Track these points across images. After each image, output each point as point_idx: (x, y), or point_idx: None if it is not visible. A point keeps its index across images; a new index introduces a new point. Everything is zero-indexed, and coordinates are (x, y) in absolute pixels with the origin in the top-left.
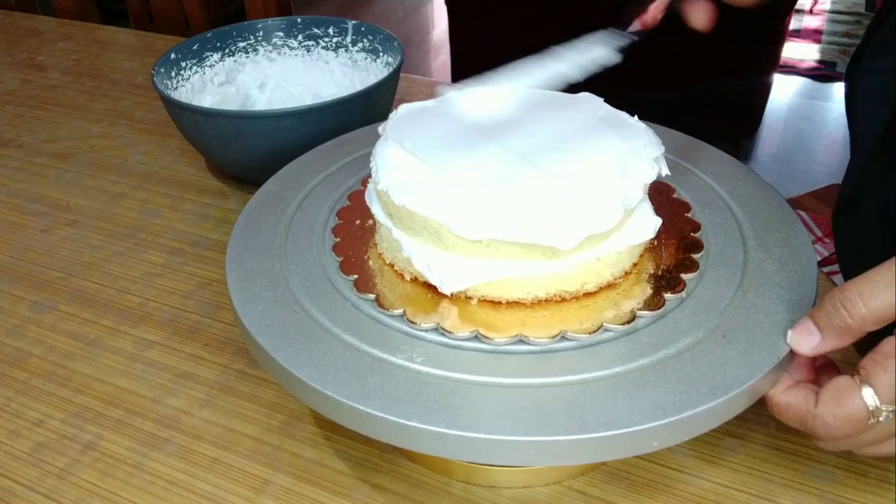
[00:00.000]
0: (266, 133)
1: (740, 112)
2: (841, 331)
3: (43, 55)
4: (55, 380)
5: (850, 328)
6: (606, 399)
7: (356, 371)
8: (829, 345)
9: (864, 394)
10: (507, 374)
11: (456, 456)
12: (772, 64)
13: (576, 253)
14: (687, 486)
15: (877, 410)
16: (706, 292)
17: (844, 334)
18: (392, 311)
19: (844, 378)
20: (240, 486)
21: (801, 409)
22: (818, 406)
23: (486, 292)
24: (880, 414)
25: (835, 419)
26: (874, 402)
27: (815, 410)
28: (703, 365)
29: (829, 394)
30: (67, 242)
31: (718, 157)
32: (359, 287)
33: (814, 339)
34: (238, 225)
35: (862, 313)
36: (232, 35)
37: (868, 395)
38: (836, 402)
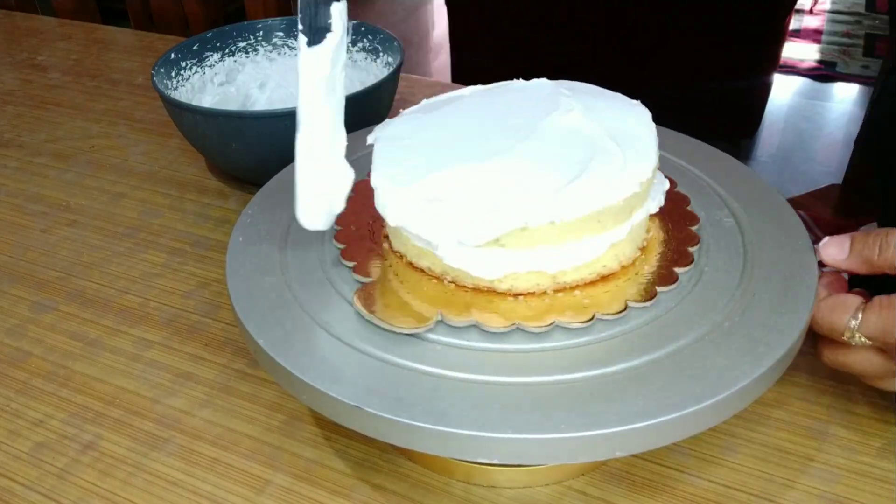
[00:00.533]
0: (266, 133)
1: (740, 112)
2: (865, 261)
3: (43, 55)
4: (55, 380)
5: (873, 263)
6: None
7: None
8: (849, 264)
9: (854, 316)
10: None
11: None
12: (772, 64)
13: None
14: (687, 486)
15: (852, 333)
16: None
17: (866, 265)
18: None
19: (853, 297)
20: (240, 486)
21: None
22: (822, 301)
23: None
24: (853, 338)
25: (822, 319)
26: (854, 326)
27: (818, 303)
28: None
29: (833, 300)
30: (67, 242)
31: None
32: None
33: (840, 254)
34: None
35: (889, 257)
36: (232, 35)
37: (855, 320)
38: (833, 306)
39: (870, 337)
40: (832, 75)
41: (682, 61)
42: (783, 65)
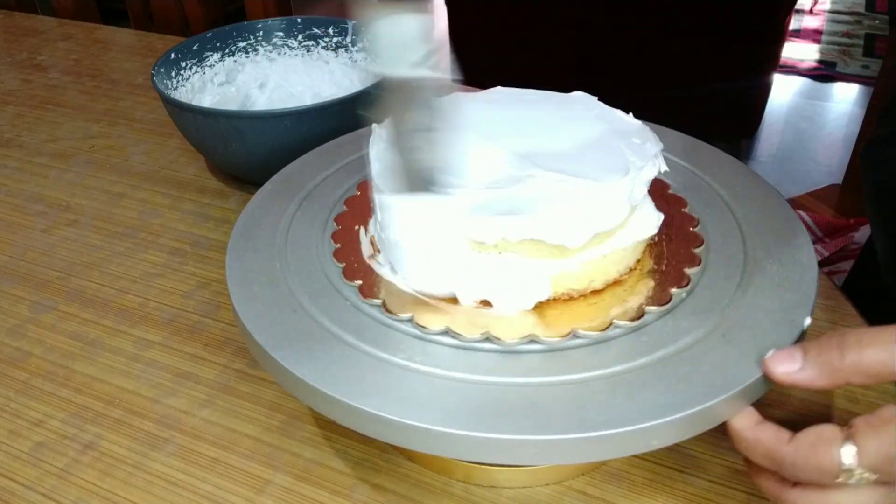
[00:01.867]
0: (266, 133)
1: (740, 112)
2: (825, 369)
3: (43, 55)
4: (55, 380)
5: (835, 370)
6: (606, 398)
7: (356, 371)
8: (804, 376)
9: (843, 450)
10: (508, 373)
11: (456, 455)
12: (772, 64)
13: (583, 251)
14: (687, 486)
15: (850, 472)
16: (706, 291)
17: (826, 374)
18: (399, 315)
19: (831, 427)
20: (240, 486)
21: (772, 446)
22: (792, 444)
23: None
24: (852, 476)
25: (805, 463)
26: (852, 461)
27: (787, 448)
28: (703, 364)
29: (809, 437)
30: (67, 242)
31: (718, 157)
32: (364, 292)
33: (793, 366)
34: (238, 225)
35: (853, 360)
36: (232, 35)
37: (848, 453)
38: (812, 447)
39: (875, 469)
40: (832, 75)
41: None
42: (783, 65)
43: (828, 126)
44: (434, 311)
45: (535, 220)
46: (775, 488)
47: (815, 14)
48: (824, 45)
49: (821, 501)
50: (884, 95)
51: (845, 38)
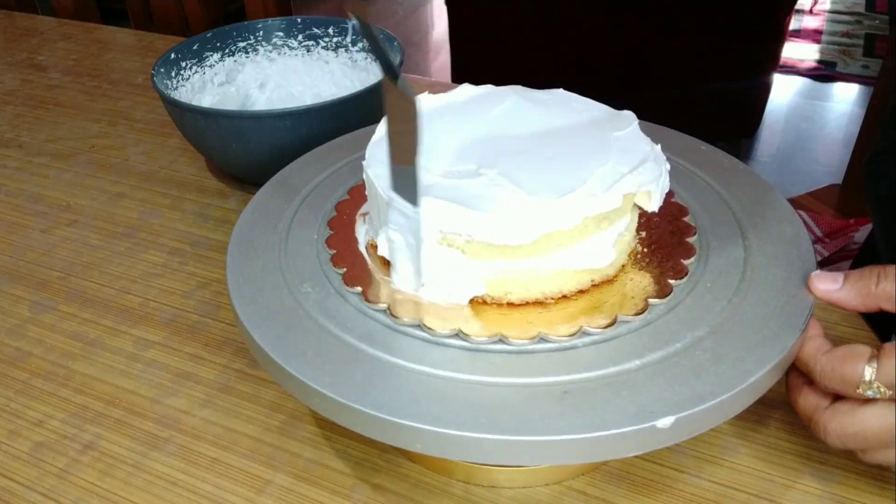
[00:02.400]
0: (266, 133)
1: (740, 112)
2: (860, 292)
3: (43, 55)
4: (55, 380)
5: (869, 294)
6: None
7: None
8: (842, 296)
9: (867, 366)
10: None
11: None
12: (772, 64)
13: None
14: (687, 486)
15: (868, 384)
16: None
17: (860, 297)
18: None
19: (863, 346)
20: (240, 486)
21: (811, 353)
22: (827, 354)
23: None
24: (870, 388)
25: (832, 371)
26: (870, 377)
27: (822, 357)
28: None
29: (842, 350)
30: (67, 242)
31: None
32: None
33: (833, 285)
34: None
35: (886, 288)
36: (232, 35)
37: (870, 368)
38: (841, 359)
39: (889, 385)
40: (832, 75)
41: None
42: (783, 65)
43: (828, 126)
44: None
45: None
46: (809, 409)
47: (815, 14)
48: (824, 45)
49: (849, 418)
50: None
51: (845, 38)
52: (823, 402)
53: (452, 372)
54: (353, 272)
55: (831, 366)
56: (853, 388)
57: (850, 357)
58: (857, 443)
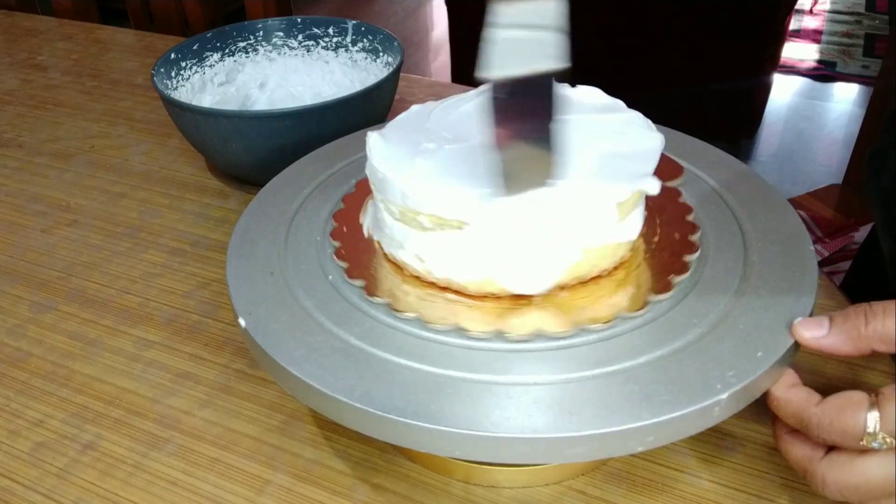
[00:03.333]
0: (266, 133)
1: (740, 112)
2: (849, 336)
3: (43, 55)
4: (55, 380)
5: (859, 337)
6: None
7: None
8: (830, 342)
9: (869, 415)
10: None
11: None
12: (772, 64)
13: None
14: (687, 486)
15: (873, 435)
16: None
17: (850, 341)
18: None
19: (859, 393)
20: (240, 486)
21: (801, 406)
22: (820, 406)
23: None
24: (874, 439)
25: (830, 425)
26: (874, 426)
27: (815, 409)
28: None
29: (837, 400)
30: (67, 242)
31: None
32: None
33: (820, 331)
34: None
35: (878, 329)
36: (232, 35)
37: (872, 418)
38: (839, 410)
39: (895, 434)
40: (832, 75)
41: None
42: (783, 65)
43: (828, 126)
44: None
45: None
46: (804, 461)
47: (815, 14)
48: (824, 45)
49: (849, 470)
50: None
51: (845, 38)
52: (818, 454)
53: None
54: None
55: (829, 418)
56: (856, 441)
57: (848, 407)
58: (858, 495)
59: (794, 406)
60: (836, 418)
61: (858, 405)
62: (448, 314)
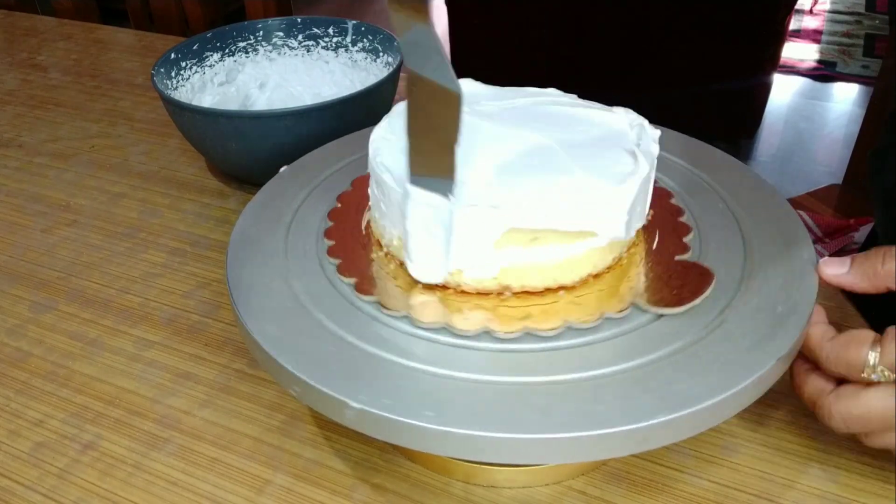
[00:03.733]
0: (266, 133)
1: (740, 112)
2: (867, 274)
3: (43, 55)
4: (55, 380)
5: (876, 275)
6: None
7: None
8: (849, 279)
9: (871, 350)
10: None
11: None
12: (772, 64)
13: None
14: (687, 486)
15: (873, 367)
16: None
17: (868, 279)
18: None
19: (866, 332)
20: (240, 486)
21: (816, 339)
22: (831, 341)
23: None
24: (874, 371)
25: (837, 357)
26: (874, 360)
27: (827, 343)
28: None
29: (846, 336)
30: (67, 242)
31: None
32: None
33: (841, 269)
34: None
35: (892, 268)
36: (232, 35)
37: (874, 352)
38: (845, 344)
39: (893, 368)
40: (832, 75)
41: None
42: (783, 65)
43: (828, 126)
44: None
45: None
46: (815, 394)
47: (815, 14)
48: (824, 45)
49: (853, 401)
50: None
51: (845, 38)
52: (828, 387)
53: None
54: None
55: (836, 351)
56: (858, 372)
57: (853, 342)
58: (860, 425)
59: (811, 339)
60: (842, 351)
61: (863, 341)
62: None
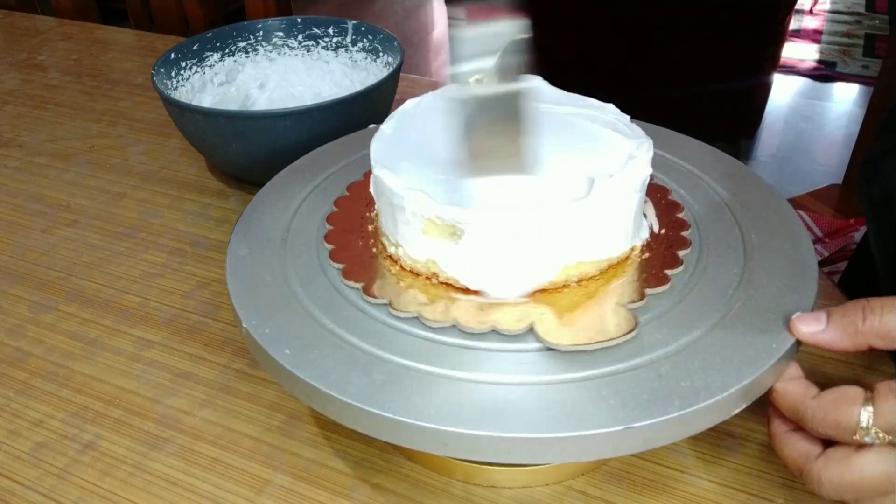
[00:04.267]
0: (266, 133)
1: (740, 112)
2: (847, 331)
3: (43, 55)
4: (55, 380)
5: (857, 332)
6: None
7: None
8: (827, 337)
9: (863, 410)
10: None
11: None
12: (772, 64)
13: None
14: (687, 486)
15: (866, 429)
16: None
17: (847, 336)
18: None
19: (854, 388)
20: (240, 486)
21: (798, 398)
22: (816, 398)
23: None
24: (867, 434)
25: (825, 418)
26: (867, 421)
27: (811, 402)
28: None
29: (832, 394)
30: (67, 242)
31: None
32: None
33: (817, 326)
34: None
35: (875, 325)
36: (232, 35)
37: (866, 412)
38: (834, 403)
39: (888, 429)
40: (832, 75)
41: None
42: (783, 65)
43: (828, 126)
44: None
45: None
46: (800, 459)
47: (815, 14)
48: (824, 45)
49: (845, 467)
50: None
51: (845, 38)
52: (814, 450)
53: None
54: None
55: (824, 411)
56: (849, 434)
57: (843, 401)
58: (854, 492)
59: (792, 398)
60: (830, 411)
61: (853, 400)
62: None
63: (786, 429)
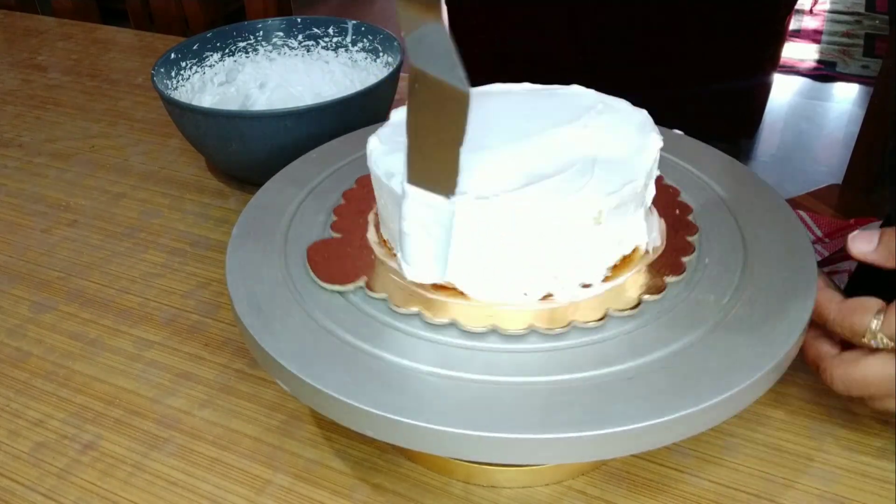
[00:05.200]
0: (266, 133)
1: (740, 112)
2: (892, 254)
3: (43, 55)
4: (55, 380)
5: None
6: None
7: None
8: (876, 257)
9: (875, 318)
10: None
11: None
12: (772, 64)
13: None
14: (687, 486)
15: (873, 334)
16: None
17: (893, 258)
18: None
19: (874, 300)
20: (240, 486)
21: (825, 303)
22: (839, 304)
23: None
24: (874, 338)
25: (842, 320)
26: (876, 327)
27: (834, 306)
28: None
29: (854, 303)
30: (67, 242)
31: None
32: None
33: (868, 246)
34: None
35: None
36: (232, 35)
37: (876, 320)
38: (852, 309)
39: (892, 336)
40: (832, 75)
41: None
42: (783, 65)
43: (828, 126)
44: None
45: None
46: (819, 357)
47: (815, 14)
48: (824, 45)
49: (853, 366)
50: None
51: (845, 38)
52: (833, 351)
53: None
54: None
55: (842, 315)
56: (860, 338)
57: (859, 308)
58: (859, 389)
59: (819, 301)
60: (847, 315)
61: (869, 309)
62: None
63: (814, 333)
